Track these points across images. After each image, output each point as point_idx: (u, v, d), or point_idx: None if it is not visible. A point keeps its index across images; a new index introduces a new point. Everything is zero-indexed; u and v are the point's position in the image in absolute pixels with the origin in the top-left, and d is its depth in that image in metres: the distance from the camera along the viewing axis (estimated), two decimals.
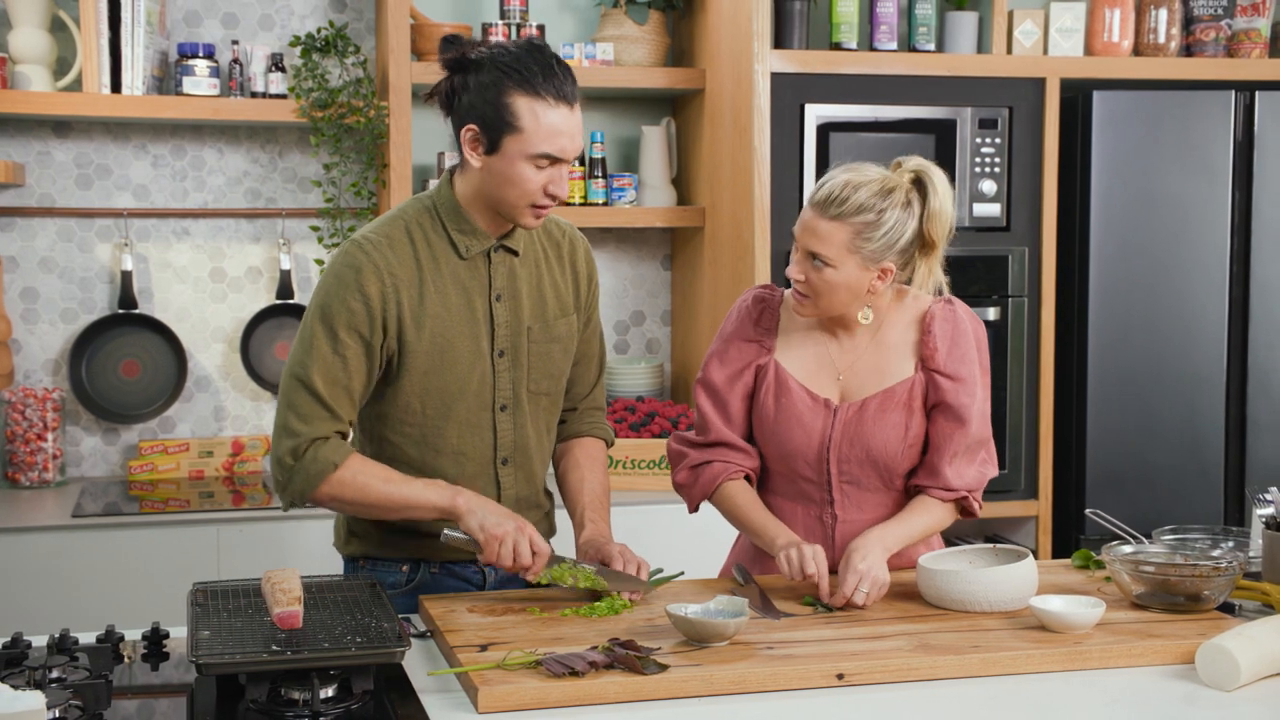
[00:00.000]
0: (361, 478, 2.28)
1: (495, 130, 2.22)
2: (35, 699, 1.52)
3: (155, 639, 2.14)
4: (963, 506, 2.45)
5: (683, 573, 2.50)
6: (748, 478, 2.50)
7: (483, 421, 2.37)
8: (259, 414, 4.04)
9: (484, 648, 2.05)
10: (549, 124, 2.21)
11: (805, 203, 2.35)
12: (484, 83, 2.22)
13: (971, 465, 2.42)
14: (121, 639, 2.13)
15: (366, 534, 2.44)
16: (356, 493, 2.28)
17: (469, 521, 2.25)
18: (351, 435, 2.37)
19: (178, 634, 2.19)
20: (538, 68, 2.21)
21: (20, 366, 3.88)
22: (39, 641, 2.10)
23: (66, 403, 3.89)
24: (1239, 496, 4.01)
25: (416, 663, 2.07)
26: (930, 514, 2.42)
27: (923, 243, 2.34)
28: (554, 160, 2.23)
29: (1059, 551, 3.97)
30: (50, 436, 3.80)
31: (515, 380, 2.38)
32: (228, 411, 4.03)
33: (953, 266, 3.78)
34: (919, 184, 2.32)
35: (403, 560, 2.44)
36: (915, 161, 2.35)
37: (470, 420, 2.36)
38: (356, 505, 2.31)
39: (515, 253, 2.38)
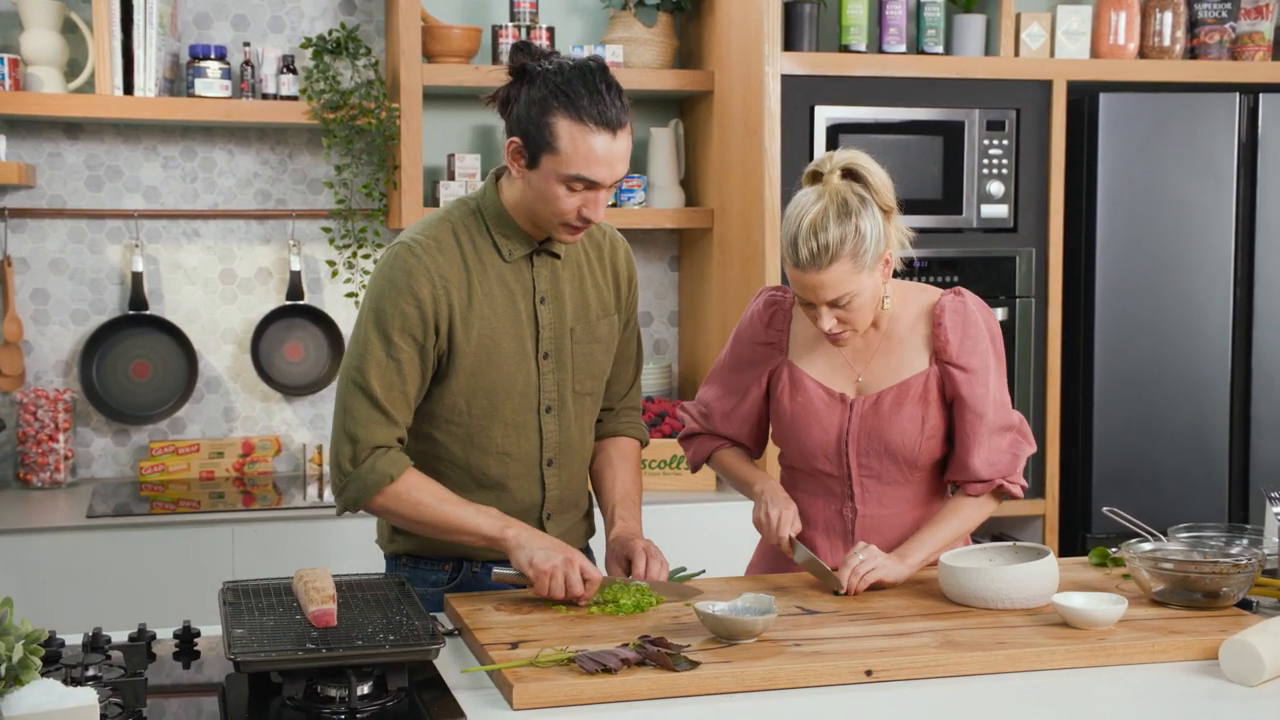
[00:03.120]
0: (416, 494, 2.31)
1: (535, 147, 2.24)
2: (88, 695, 1.54)
3: (186, 637, 2.15)
4: (1002, 492, 2.48)
5: (704, 570, 2.52)
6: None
7: (528, 423, 2.40)
8: (269, 415, 4.05)
9: (514, 645, 2.07)
10: (586, 149, 2.21)
11: (790, 266, 2.33)
12: (533, 98, 2.23)
13: (1001, 451, 2.44)
14: (153, 637, 2.14)
15: (410, 532, 2.45)
16: (410, 509, 2.32)
17: (518, 557, 2.28)
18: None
19: (206, 632, 2.21)
20: (585, 90, 2.21)
21: (31, 368, 3.89)
22: (72, 640, 2.11)
23: (77, 404, 3.90)
24: (1243, 495, 4.04)
25: (443, 661, 2.07)
26: (960, 515, 2.45)
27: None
28: (589, 185, 2.24)
29: (1065, 550, 4.00)
30: (61, 438, 3.81)
31: (560, 382, 2.41)
32: (238, 412, 4.04)
33: (961, 267, 3.86)
34: (852, 174, 2.34)
35: (446, 559, 2.46)
36: (833, 160, 2.34)
37: (516, 421, 2.39)
38: (408, 520, 2.34)
39: (557, 256, 2.41)
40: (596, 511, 2.60)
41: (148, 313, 3.91)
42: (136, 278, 3.89)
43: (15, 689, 1.55)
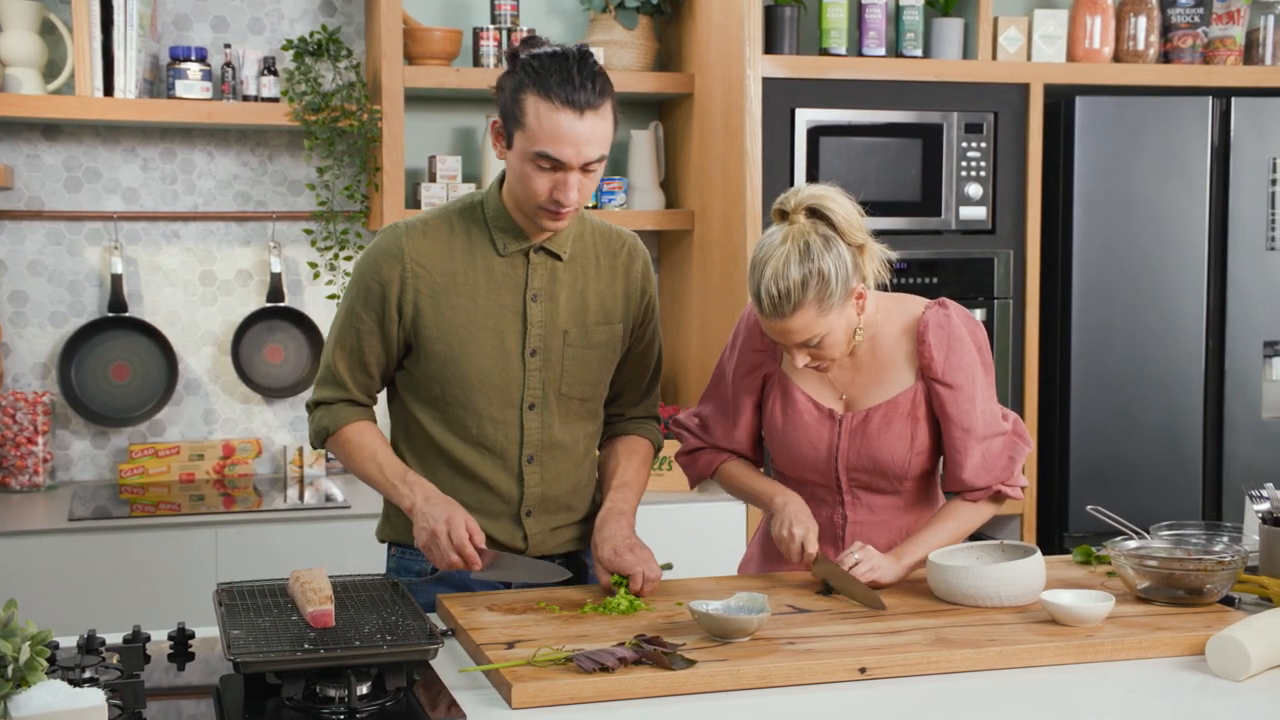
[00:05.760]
0: (348, 449, 2.45)
1: (509, 124, 2.30)
2: (95, 696, 1.54)
3: (181, 639, 2.15)
4: (1001, 496, 2.51)
5: (671, 565, 2.49)
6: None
7: (509, 418, 2.41)
8: (249, 417, 4.04)
9: (510, 645, 2.08)
10: (550, 125, 2.24)
11: (759, 314, 2.32)
12: (512, 82, 2.30)
13: (994, 456, 2.47)
14: (148, 639, 2.14)
15: (397, 519, 2.49)
16: (345, 460, 2.47)
17: (414, 533, 2.35)
18: (373, 402, 2.52)
19: (201, 634, 2.20)
20: (555, 71, 2.26)
21: (9, 370, 3.87)
22: (66, 642, 2.11)
23: (56, 406, 3.88)
24: (1217, 493, 4.09)
25: (438, 661, 2.07)
26: (958, 518, 2.48)
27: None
28: (555, 164, 2.26)
29: (1042, 548, 4.01)
30: (40, 440, 3.79)
31: (546, 380, 2.42)
32: (218, 415, 4.03)
33: (939, 268, 3.89)
34: (816, 214, 2.31)
35: None
36: (798, 198, 2.32)
37: (493, 415, 2.41)
38: (348, 468, 2.48)
39: (559, 256, 2.42)
40: None
41: (127, 315, 3.90)
42: (116, 280, 3.87)
43: (22, 690, 1.55)
